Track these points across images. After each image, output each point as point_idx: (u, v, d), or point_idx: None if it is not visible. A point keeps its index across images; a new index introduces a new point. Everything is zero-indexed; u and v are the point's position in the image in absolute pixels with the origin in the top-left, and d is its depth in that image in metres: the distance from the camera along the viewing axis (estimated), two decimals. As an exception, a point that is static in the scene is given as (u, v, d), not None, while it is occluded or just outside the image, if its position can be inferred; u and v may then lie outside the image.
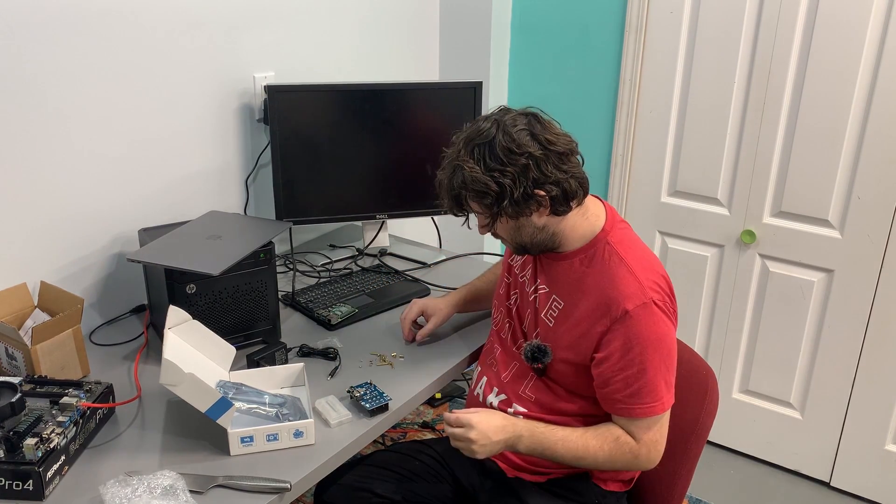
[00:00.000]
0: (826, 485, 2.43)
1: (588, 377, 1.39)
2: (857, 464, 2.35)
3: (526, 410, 1.45)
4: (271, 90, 1.91)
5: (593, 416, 1.42)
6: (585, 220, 1.39)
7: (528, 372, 1.47)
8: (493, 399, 1.50)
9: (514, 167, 1.27)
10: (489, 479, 1.52)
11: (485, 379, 1.55)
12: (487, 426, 1.33)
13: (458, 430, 1.33)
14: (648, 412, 1.33)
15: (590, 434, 1.36)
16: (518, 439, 1.36)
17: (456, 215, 1.41)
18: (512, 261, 1.56)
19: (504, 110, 1.35)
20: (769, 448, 2.51)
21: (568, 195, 1.32)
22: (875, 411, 2.27)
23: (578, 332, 1.37)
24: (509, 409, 1.47)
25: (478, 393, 1.56)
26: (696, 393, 1.50)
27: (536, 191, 1.29)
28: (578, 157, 1.35)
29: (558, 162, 1.30)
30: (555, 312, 1.41)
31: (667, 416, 1.36)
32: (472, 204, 1.34)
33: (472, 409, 1.38)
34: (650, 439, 1.35)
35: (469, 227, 1.49)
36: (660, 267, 1.38)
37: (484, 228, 1.40)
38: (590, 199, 1.41)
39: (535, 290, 1.46)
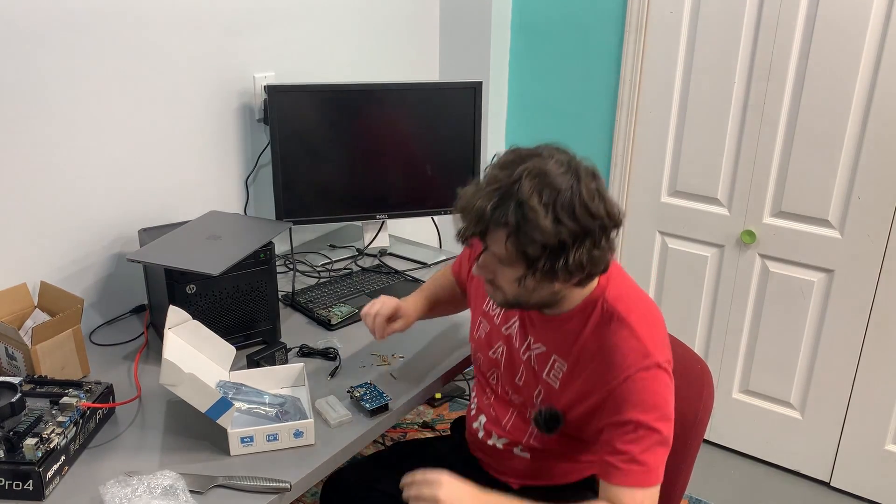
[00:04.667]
0: (826, 485, 2.43)
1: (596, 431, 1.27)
2: (857, 464, 2.35)
3: (529, 456, 1.39)
4: (271, 90, 1.91)
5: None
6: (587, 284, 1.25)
7: (529, 426, 1.37)
8: (496, 442, 1.43)
9: (581, 228, 1.12)
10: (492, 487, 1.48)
11: (483, 418, 1.45)
12: (456, 493, 1.15)
13: (425, 492, 1.14)
14: (654, 481, 1.19)
15: None
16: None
17: (464, 242, 1.22)
18: (487, 307, 1.43)
19: (570, 155, 1.18)
20: (769, 448, 2.51)
21: (602, 269, 1.20)
22: (875, 411, 2.27)
23: (583, 393, 1.26)
24: (514, 449, 1.40)
25: (476, 427, 1.47)
26: (693, 388, 1.50)
27: (588, 264, 1.15)
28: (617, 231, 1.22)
29: (612, 237, 1.18)
30: (559, 374, 1.29)
31: (656, 491, 1.20)
32: (507, 246, 1.14)
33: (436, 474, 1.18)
34: None
35: (468, 246, 1.32)
36: (661, 322, 1.27)
37: (485, 271, 1.23)
38: None
39: (528, 349, 1.33)
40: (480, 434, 1.45)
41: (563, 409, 1.29)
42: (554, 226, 1.11)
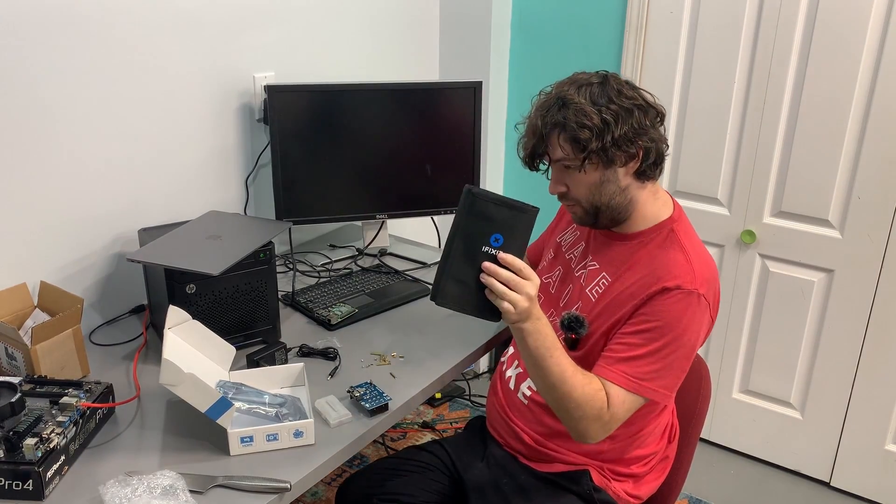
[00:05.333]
0: (826, 485, 2.44)
1: None
2: (857, 464, 2.35)
3: (532, 393, 1.46)
4: (271, 90, 1.91)
5: None
6: (655, 201, 1.37)
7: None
8: (511, 372, 1.52)
9: (621, 107, 1.27)
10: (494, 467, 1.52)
11: (511, 350, 1.57)
12: (533, 290, 1.22)
13: (518, 280, 1.20)
14: (632, 387, 1.27)
15: (581, 371, 1.29)
16: (537, 320, 1.24)
17: (531, 167, 1.37)
18: (560, 238, 1.54)
19: (606, 71, 1.35)
20: (769, 448, 2.51)
21: (658, 157, 1.32)
22: (875, 411, 2.27)
23: (616, 304, 1.33)
24: (523, 384, 1.48)
25: (509, 375, 1.55)
26: (690, 381, 1.51)
27: (636, 138, 1.28)
28: (665, 129, 1.35)
29: (655, 120, 1.31)
30: (601, 289, 1.38)
31: (639, 404, 1.30)
32: (564, 144, 1.29)
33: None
34: (616, 414, 1.28)
35: (548, 177, 1.38)
36: (716, 273, 1.35)
37: (559, 185, 1.35)
38: (659, 187, 1.40)
39: (584, 267, 1.44)
40: (504, 366, 1.56)
41: (591, 319, 1.37)
42: (595, 108, 1.26)
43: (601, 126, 1.26)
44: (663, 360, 1.28)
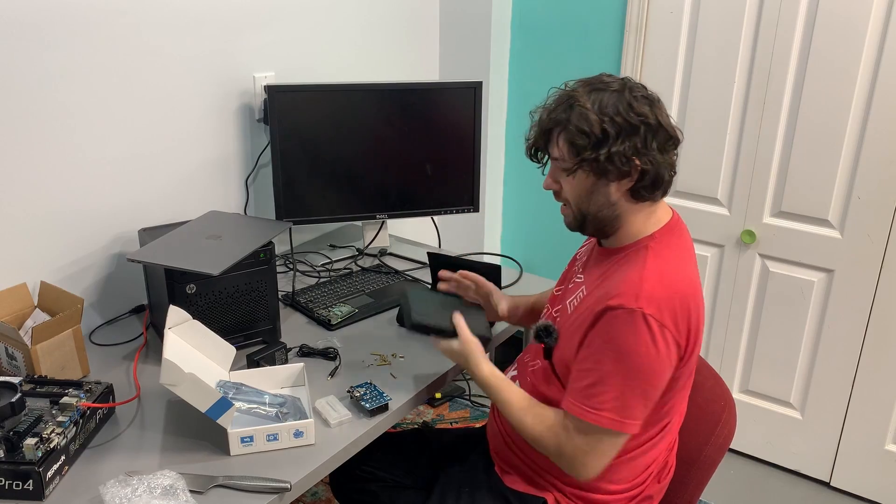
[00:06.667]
0: (826, 485, 2.44)
1: None
2: (857, 464, 2.35)
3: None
4: (271, 90, 1.91)
5: None
6: (647, 219, 1.31)
7: (539, 355, 1.42)
8: (510, 373, 1.52)
9: (625, 123, 1.22)
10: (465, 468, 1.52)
11: (514, 370, 1.56)
12: (472, 353, 1.41)
13: (448, 344, 1.44)
14: (581, 414, 1.23)
15: (535, 410, 1.33)
16: (475, 376, 1.40)
17: (533, 158, 1.36)
18: (579, 255, 1.51)
19: (630, 79, 1.30)
20: (769, 448, 2.51)
21: (656, 182, 1.25)
22: (875, 411, 2.27)
23: (578, 321, 1.30)
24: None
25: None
26: (700, 422, 1.45)
27: (633, 157, 1.22)
28: (676, 155, 1.29)
29: (664, 144, 1.25)
30: (577, 302, 1.35)
31: (608, 436, 1.24)
32: (562, 144, 1.26)
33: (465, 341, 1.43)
34: (578, 446, 1.26)
35: (543, 173, 1.39)
36: (680, 292, 1.23)
37: (552, 182, 1.34)
38: (661, 206, 1.33)
39: (574, 279, 1.43)
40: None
41: (562, 329, 1.36)
42: (598, 117, 1.22)
43: (599, 137, 1.22)
44: (615, 388, 1.21)
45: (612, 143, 1.21)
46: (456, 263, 1.74)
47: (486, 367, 1.40)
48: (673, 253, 1.29)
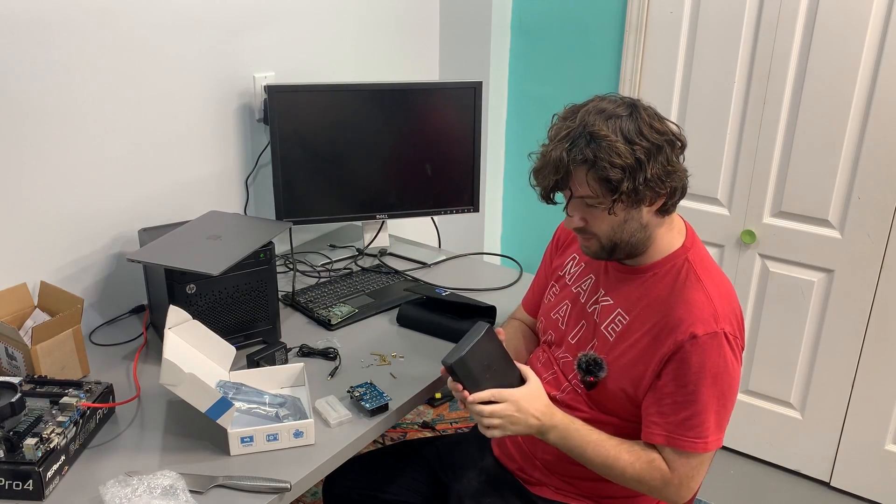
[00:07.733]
0: (826, 485, 2.43)
1: (636, 407, 1.31)
2: (857, 464, 2.35)
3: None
4: (271, 90, 1.91)
5: (626, 435, 1.32)
6: (670, 231, 1.30)
7: (564, 382, 1.40)
8: None
9: (653, 144, 1.18)
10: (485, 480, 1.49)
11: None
12: (530, 405, 1.26)
13: (498, 407, 1.23)
14: (690, 447, 1.24)
15: (625, 447, 1.28)
16: (551, 429, 1.27)
17: (548, 198, 1.28)
18: (564, 271, 1.48)
19: (621, 95, 1.28)
20: (769, 448, 2.51)
21: (683, 193, 1.26)
22: (875, 411, 2.27)
23: (637, 351, 1.28)
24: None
25: None
26: None
27: (666, 177, 1.20)
28: (684, 159, 1.28)
29: (681, 153, 1.25)
30: (618, 327, 1.32)
31: (709, 456, 1.28)
32: (592, 182, 1.20)
33: (511, 390, 1.27)
34: (685, 474, 1.26)
35: (568, 212, 1.30)
36: (736, 300, 1.30)
37: (579, 219, 1.27)
38: (674, 214, 1.33)
39: (597, 302, 1.37)
40: None
41: (609, 360, 1.32)
42: (627, 146, 1.17)
43: (634, 165, 1.17)
44: (713, 413, 1.23)
45: (646, 169, 1.18)
46: (449, 301, 1.70)
47: (558, 413, 1.30)
48: (709, 260, 1.32)
